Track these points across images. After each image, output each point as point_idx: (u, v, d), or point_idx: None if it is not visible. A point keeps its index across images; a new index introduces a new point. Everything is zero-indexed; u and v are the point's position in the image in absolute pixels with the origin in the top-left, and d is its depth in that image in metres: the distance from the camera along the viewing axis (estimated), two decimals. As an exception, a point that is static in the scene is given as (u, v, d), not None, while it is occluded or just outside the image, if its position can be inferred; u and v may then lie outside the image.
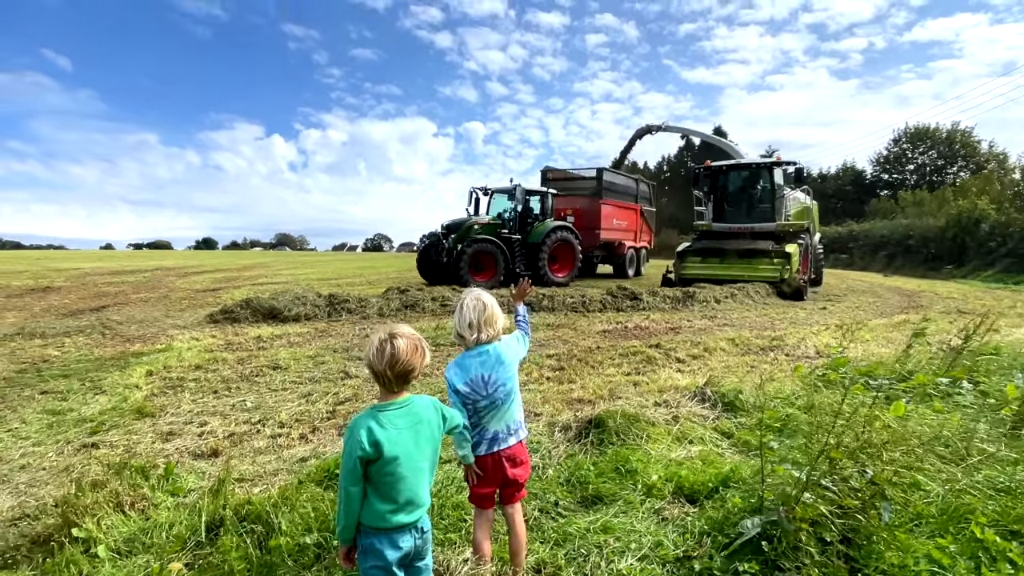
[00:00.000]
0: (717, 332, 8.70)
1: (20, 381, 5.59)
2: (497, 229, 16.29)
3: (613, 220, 20.54)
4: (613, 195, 20.55)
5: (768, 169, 15.76)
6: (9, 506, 3.08)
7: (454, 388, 2.14)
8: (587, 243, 19.03)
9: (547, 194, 18.13)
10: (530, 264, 16.62)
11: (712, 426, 4.07)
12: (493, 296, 2.29)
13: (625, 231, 21.59)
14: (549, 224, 17.12)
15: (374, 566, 1.75)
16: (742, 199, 16.29)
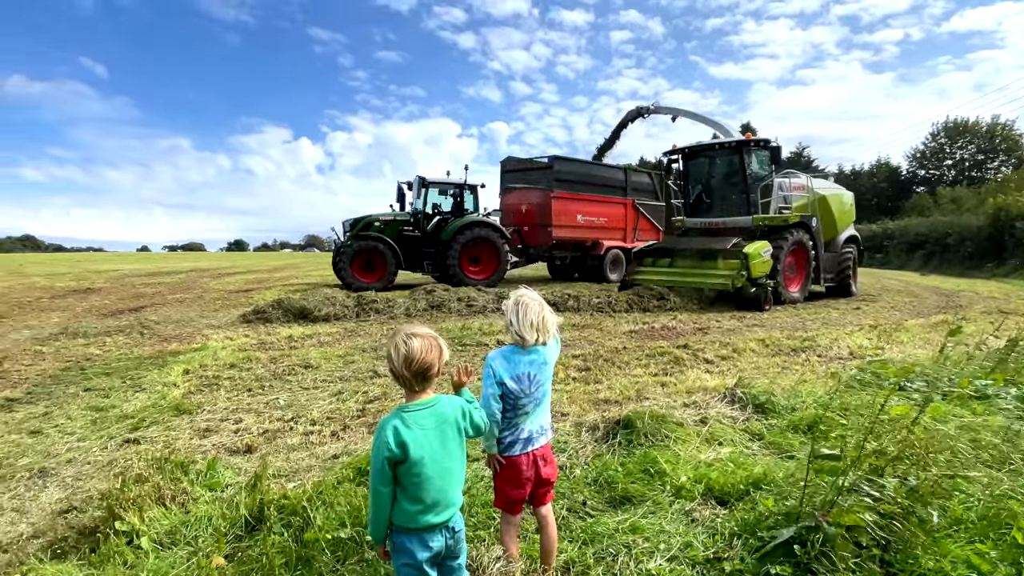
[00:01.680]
0: (746, 332, 8.57)
1: (65, 379, 5.82)
2: (402, 227, 15.32)
3: (578, 216, 17.64)
4: (578, 187, 17.58)
5: (734, 150, 12.78)
6: (57, 498, 3.22)
7: (500, 380, 2.14)
8: (540, 242, 17.40)
9: (466, 187, 16.22)
10: (439, 264, 15.50)
11: (742, 428, 4.02)
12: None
13: (602, 229, 18.33)
14: (463, 220, 15.58)
15: (405, 564, 1.78)
16: (716, 189, 13.63)
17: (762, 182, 12.47)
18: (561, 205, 17.18)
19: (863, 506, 2.03)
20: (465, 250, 15.45)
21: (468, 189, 16.32)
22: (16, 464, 3.68)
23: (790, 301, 12.26)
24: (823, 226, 13.37)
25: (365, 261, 14.69)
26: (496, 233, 15.97)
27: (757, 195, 12.44)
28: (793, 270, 12.63)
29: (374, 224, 14.97)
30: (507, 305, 2.24)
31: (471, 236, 15.44)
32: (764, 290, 11.42)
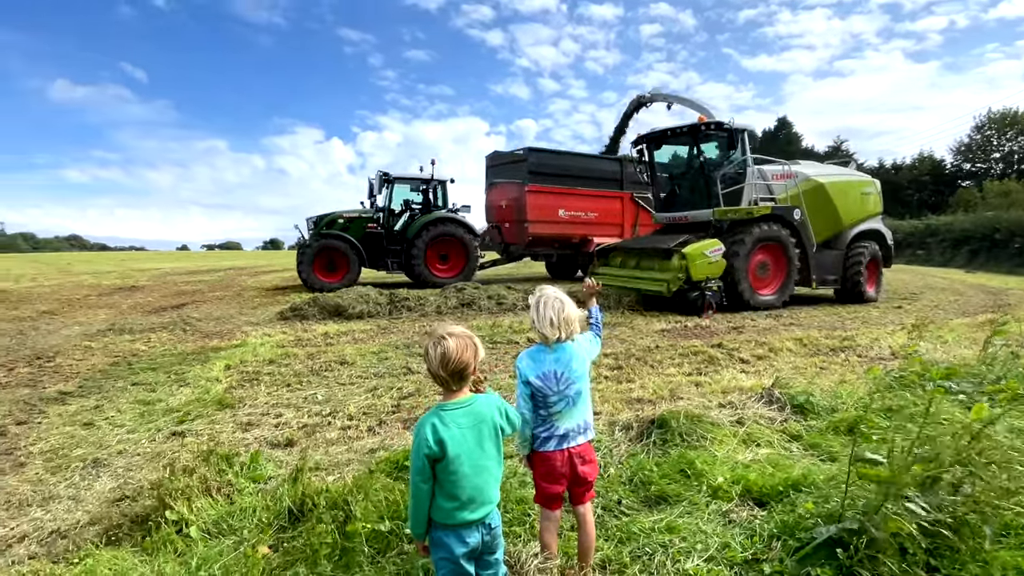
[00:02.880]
0: (783, 332, 8.40)
1: (114, 373, 6.06)
2: (366, 224, 14.81)
3: (559, 211, 16.37)
4: (559, 180, 16.30)
5: (687, 135, 11.47)
6: (110, 488, 3.36)
7: (525, 379, 2.18)
8: (518, 239, 16.42)
9: (434, 183, 15.60)
10: (405, 262, 14.91)
11: (780, 429, 3.95)
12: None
13: (592, 224, 16.90)
14: (429, 217, 15.01)
15: (443, 558, 1.82)
16: (679, 180, 12.45)
17: (721, 170, 11.10)
18: (537, 199, 16.03)
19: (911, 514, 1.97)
20: (432, 247, 14.94)
21: (436, 184, 15.69)
22: (71, 455, 3.86)
23: (761, 306, 10.73)
24: (820, 219, 11.63)
25: (327, 260, 14.23)
26: (463, 229, 15.26)
27: (717, 185, 11.02)
28: (767, 270, 11.05)
29: (337, 221, 14.59)
30: (530, 303, 2.28)
31: (437, 233, 14.86)
32: (702, 295, 10.12)
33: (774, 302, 11.02)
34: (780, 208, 11.11)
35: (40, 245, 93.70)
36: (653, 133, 12.01)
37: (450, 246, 15.26)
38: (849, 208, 12.12)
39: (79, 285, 17.11)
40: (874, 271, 12.47)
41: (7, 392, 5.38)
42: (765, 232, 10.73)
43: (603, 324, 2.59)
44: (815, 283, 11.58)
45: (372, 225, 14.87)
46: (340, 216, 14.67)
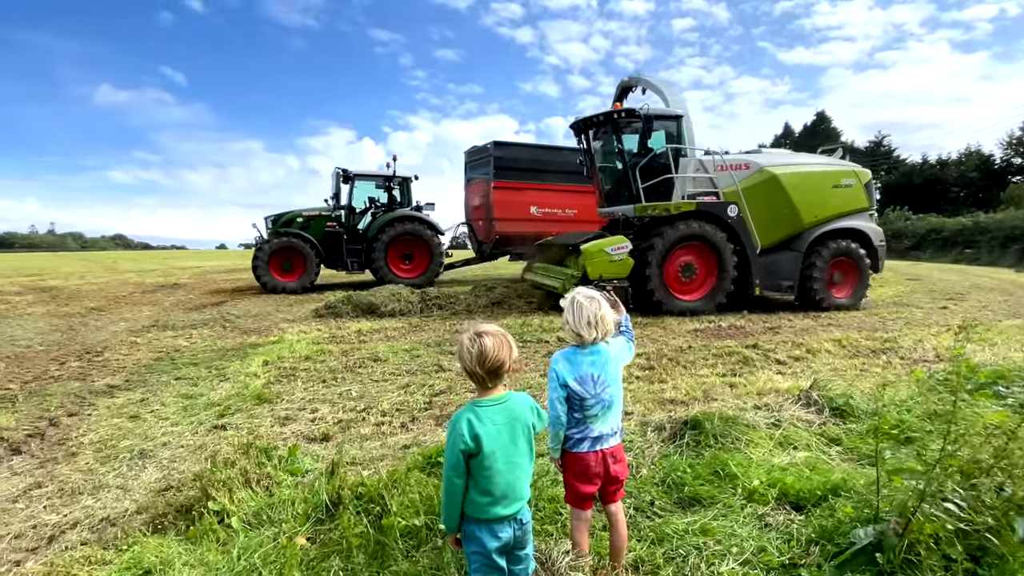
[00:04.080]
0: (821, 332, 8.19)
1: (158, 368, 6.28)
2: (326, 223, 14.41)
3: (530, 208, 15.57)
4: (530, 175, 15.41)
5: (604, 123, 10.56)
6: (156, 478, 3.50)
7: (563, 382, 2.17)
8: (487, 237, 15.90)
9: (395, 180, 15.11)
10: (365, 261, 14.49)
11: (818, 432, 3.86)
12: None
13: (571, 222, 15.87)
14: (390, 215, 14.58)
15: (476, 552, 1.85)
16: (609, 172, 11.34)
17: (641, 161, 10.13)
18: (503, 196, 15.29)
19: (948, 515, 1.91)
20: (394, 246, 14.48)
21: (399, 182, 15.24)
22: (119, 446, 4.02)
23: (682, 311, 9.74)
24: (774, 215, 10.30)
25: (284, 260, 13.81)
26: (426, 228, 14.70)
27: (637, 178, 10.07)
28: (692, 272, 10.05)
29: (296, 220, 14.21)
30: (563, 304, 2.26)
31: (399, 232, 14.36)
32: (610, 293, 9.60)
33: (699, 308, 9.92)
34: (709, 204, 10.02)
35: (87, 244, 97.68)
36: (577, 121, 11.06)
37: (413, 245, 14.77)
38: (812, 203, 10.50)
39: (124, 283, 17.76)
40: (851, 275, 10.85)
41: (59, 385, 5.62)
42: (687, 231, 9.73)
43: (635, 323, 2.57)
44: (759, 288, 10.24)
45: (332, 224, 14.44)
46: (299, 215, 14.31)
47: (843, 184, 10.83)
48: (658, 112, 10.14)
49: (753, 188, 10.26)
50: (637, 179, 10.03)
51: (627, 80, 11.81)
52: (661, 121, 10.25)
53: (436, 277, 15.10)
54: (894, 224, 36.40)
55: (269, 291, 13.24)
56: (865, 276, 10.86)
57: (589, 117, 10.62)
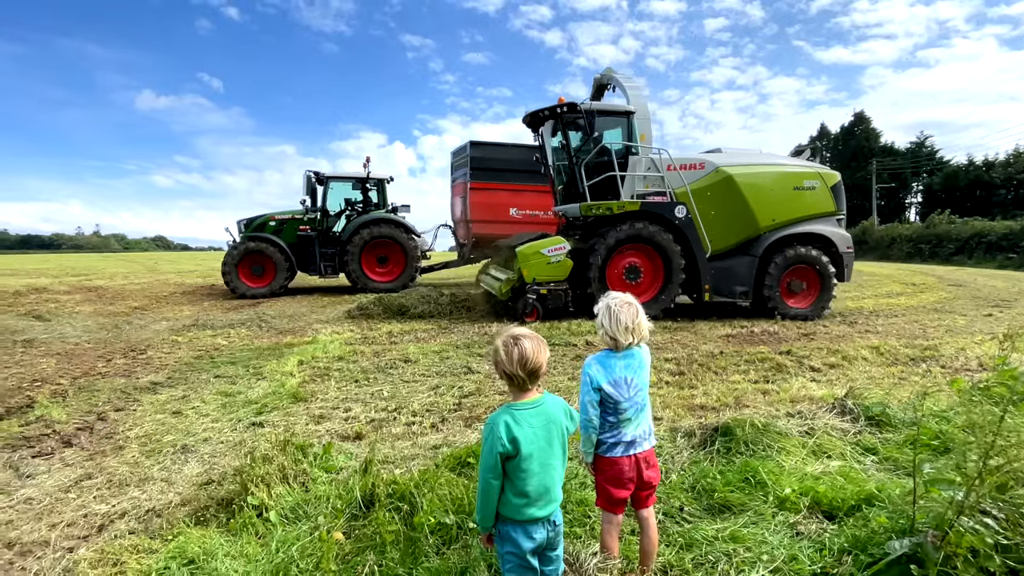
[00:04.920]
0: (858, 339, 8.00)
1: (198, 366, 6.50)
2: (299, 226, 14.11)
3: (509, 209, 15.11)
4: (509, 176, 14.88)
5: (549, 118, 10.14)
6: (198, 472, 3.63)
7: (597, 386, 2.18)
8: (465, 239, 15.70)
9: (369, 182, 14.80)
10: (339, 266, 14.18)
11: (853, 441, 3.78)
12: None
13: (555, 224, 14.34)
14: (363, 218, 14.22)
15: (510, 553, 1.88)
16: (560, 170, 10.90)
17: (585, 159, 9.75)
18: (480, 197, 15.00)
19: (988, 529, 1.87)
20: (368, 250, 14.15)
21: (373, 184, 14.93)
22: (163, 440, 4.19)
23: None
24: (729, 217, 9.89)
25: (255, 265, 13.55)
26: (401, 230, 14.25)
27: (582, 176, 9.70)
28: (638, 276, 9.66)
29: (269, 224, 13.97)
30: (599, 309, 2.28)
31: (373, 235, 13.98)
32: (525, 298, 9.06)
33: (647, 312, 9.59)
34: (655, 204, 9.61)
35: (130, 245, 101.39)
36: (527, 115, 10.55)
37: (388, 248, 14.38)
38: (770, 205, 9.98)
39: (165, 283, 18.35)
40: (813, 283, 10.19)
41: (106, 381, 5.87)
42: (630, 231, 9.34)
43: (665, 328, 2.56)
44: (709, 294, 9.77)
45: (305, 227, 14.18)
46: (272, 218, 14.10)
47: (805, 186, 10.24)
48: (602, 107, 9.82)
49: (707, 189, 9.86)
50: (582, 177, 9.71)
51: (600, 77, 11.42)
52: (609, 117, 9.89)
53: (412, 281, 14.76)
54: (937, 228, 35.21)
55: (239, 297, 13.11)
56: (828, 285, 10.13)
57: (537, 111, 10.19)
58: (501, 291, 9.40)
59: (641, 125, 9.84)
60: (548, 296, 9.24)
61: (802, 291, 10.22)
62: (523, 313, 9.08)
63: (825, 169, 10.66)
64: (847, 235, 10.58)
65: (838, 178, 10.52)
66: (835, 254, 10.24)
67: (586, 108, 9.44)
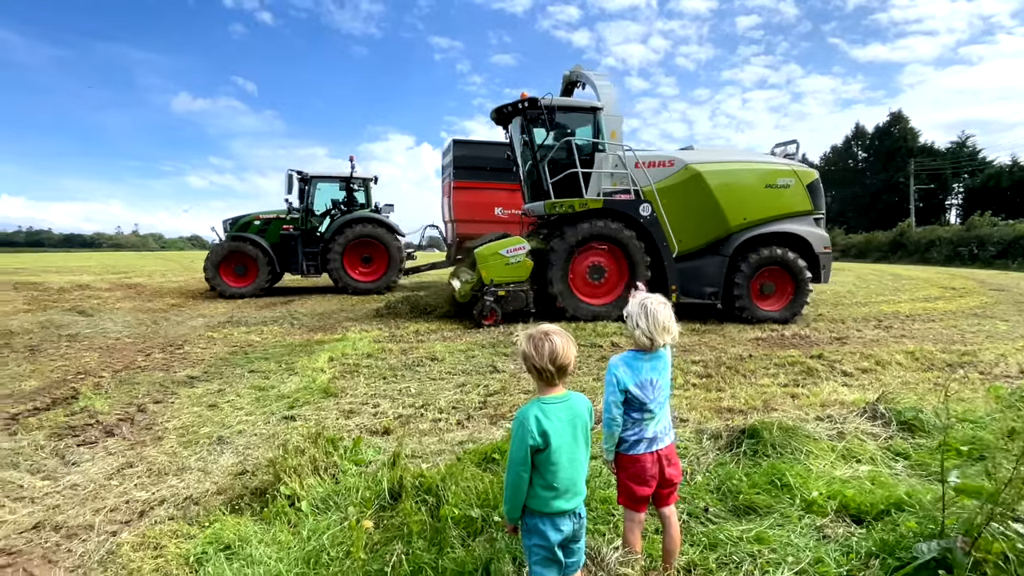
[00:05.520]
0: (893, 344, 7.81)
1: (233, 361, 6.70)
2: (282, 225, 14.06)
3: (495, 209, 14.85)
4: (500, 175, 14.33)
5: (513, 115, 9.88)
6: (233, 463, 3.76)
7: (624, 387, 2.20)
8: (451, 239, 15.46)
9: (353, 181, 14.68)
10: (322, 265, 14.04)
11: (884, 446, 3.72)
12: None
13: None
14: (347, 217, 14.14)
15: (538, 545, 1.92)
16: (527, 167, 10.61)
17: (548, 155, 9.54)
18: (463, 196, 14.78)
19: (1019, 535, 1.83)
20: (352, 250, 14.04)
21: (356, 183, 14.85)
22: (199, 432, 4.34)
23: (588, 316, 9.16)
24: (698, 216, 9.62)
25: (238, 265, 13.52)
26: (384, 230, 14.11)
27: (546, 174, 9.51)
28: (602, 275, 9.47)
29: (254, 223, 13.97)
30: (631, 310, 2.27)
31: (355, 234, 13.86)
32: (483, 301, 8.80)
33: (607, 313, 9.23)
34: (618, 203, 9.34)
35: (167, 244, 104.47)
36: (493, 111, 10.31)
37: (372, 248, 14.24)
38: (740, 204, 9.63)
39: (200, 281, 18.84)
40: (786, 285, 9.78)
41: (146, 375, 6.09)
42: (592, 230, 9.08)
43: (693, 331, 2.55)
44: (676, 294, 9.42)
45: (288, 227, 14.15)
46: (257, 217, 14.11)
47: (779, 184, 9.81)
48: (565, 103, 9.55)
49: (676, 187, 9.56)
50: (546, 174, 9.50)
51: (569, 74, 11.10)
52: (574, 114, 9.69)
53: (396, 281, 14.70)
54: (979, 230, 34.02)
55: (221, 296, 13.18)
56: (803, 287, 9.73)
57: (501, 107, 9.90)
58: (460, 293, 9.24)
59: (610, 122, 9.61)
60: (508, 298, 8.98)
61: (775, 293, 9.87)
62: (480, 316, 8.85)
63: (801, 167, 10.27)
64: (824, 235, 10.21)
65: (815, 176, 10.19)
66: (812, 255, 9.88)
67: (547, 104, 9.13)
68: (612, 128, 9.61)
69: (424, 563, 2.24)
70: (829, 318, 10.29)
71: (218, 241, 14.03)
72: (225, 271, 13.50)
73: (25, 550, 2.73)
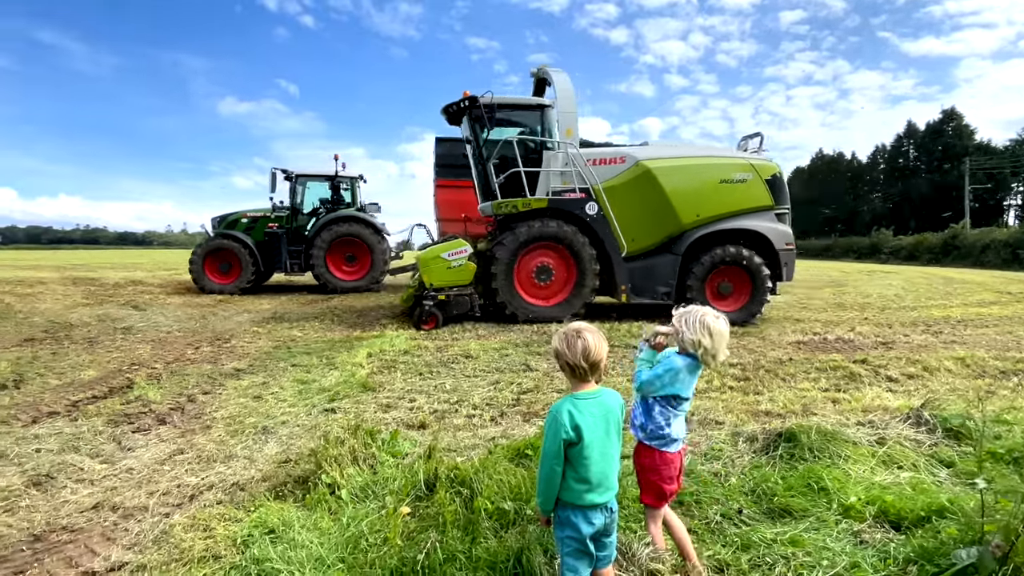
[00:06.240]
0: (942, 350, 7.52)
1: (276, 355, 6.94)
2: (268, 223, 14.27)
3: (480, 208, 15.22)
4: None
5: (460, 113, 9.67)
6: (276, 451, 3.91)
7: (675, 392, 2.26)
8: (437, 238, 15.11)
9: (337, 180, 14.82)
10: (305, 263, 14.22)
11: (928, 453, 3.61)
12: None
13: None
14: (331, 215, 14.31)
15: (570, 536, 1.97)
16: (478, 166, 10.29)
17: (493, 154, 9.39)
18: (447, 195, 14.66)
19: None
20: (336, 248, 14.21)
21: (341, 182, 14.98)
22: (245, 422, 4.52)
23: (537, 319, 9.03)
24: (650, 213, 9.31)
25: (223, 262, 13.81)
26: (368, 229, 14.22)
27: (492, 173, 9.36)
28: (549, 276, 9.25)
29: (241, 221, 14.25)
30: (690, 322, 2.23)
31: (339, 232, 14.01)
32: (422, 305, 8.64)
33: (556, 315, 9.07)
34: (562, 201, 9.11)
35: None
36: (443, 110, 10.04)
37: (355, 247, 14.38)
38: (693, 200, 9.33)
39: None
40: (744, 284, 9.48)
41: (195, 367, 6.36)
42: (535, 230, 8.90)
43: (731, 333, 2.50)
44: (625, 295, 9.28)
45: (273, 225, 14.35)
46: (244, 215, 14.36)
47: (735, 179, 9.43)
48: (507, 101, 9.30)
49: (628, 184, 9.26)
50: (492, 174, 9.36)
51: (537, 71, 10.72)
52: (520, 111, 9.51)
53: (379, 280, 14.77)
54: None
55: (205, 293, 13.38)
56: (760, 286, 9.35)
57: (447, 105, 9.69)
58: (402, 298, 9.08)
59: (565, 119, 9.29)
60: (450, 302, 8.87)
61: (732, 293, 9.53)
62: (420, 321, 8.70)
63: (761, 160, 9.81)
64: (786, 231, 9.77)
65: (776, 169, 9.75)
66: (772, 252, 9.49)
67: (486, 102, 8.97)
68: (567, 125, 9.29)
69: (458, 551, 2.31)
70: (875, 322, 9.97)
71: (209, 237, 14.33)
72: (211, 267, 13.80)
73: (86, 528, 2.91)
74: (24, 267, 23.45)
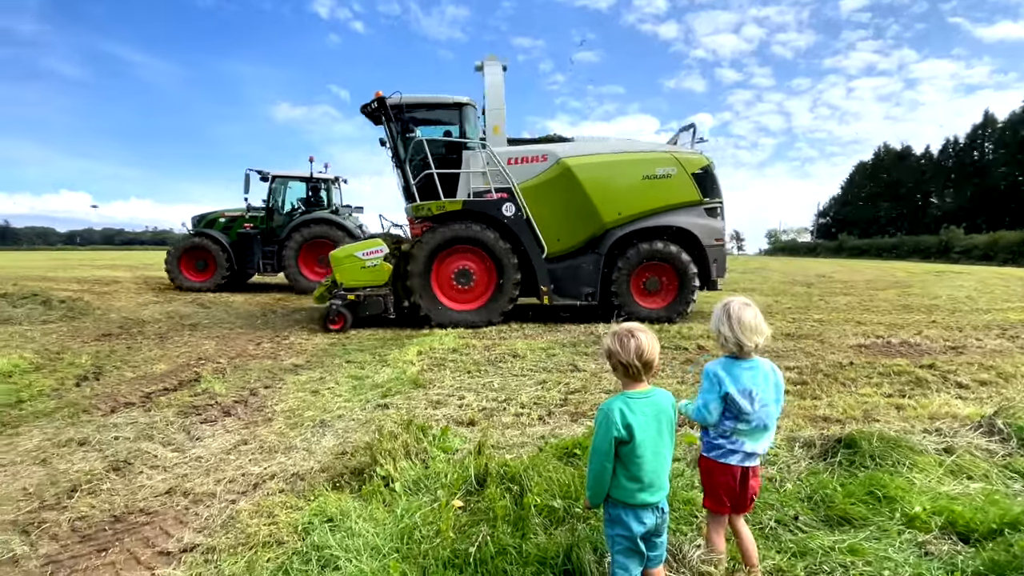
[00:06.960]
0: (1018, 355, 7.07)
1: (332, 352, 7.18)
2: (243, 223, 14.41)
3: None
4: None
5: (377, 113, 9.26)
6: (333, 444, 4.06)
7: (725, 392, 2.12)
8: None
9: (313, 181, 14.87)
10: (278, 264, 14.29)
11: (1002, 463, 3.42)
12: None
13: None
14: (304, 217, 14.29)
15: (621, 535, 1.98)
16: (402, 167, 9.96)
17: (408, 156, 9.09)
18: None
19: None
20: (308, 249, 14.20)
21: (318, 183, 15.11)
22: (304, 415, 4.71)
23: (455, 323, 8.84)
24: (572, 212, 9.08)
25: (199, 260, 14.09)
26: (340, 231, 14.13)
27: (408, 174, 9.10)
28: (469, 279, 9.10)
29: (219, 221, 14.46)
30: (715, 316, 2.21)
31: (310, 234, 14.04)
32: (330, 306, 8.54)
33: (474, 319, 8.92)
34: (478, 203, 8.90)
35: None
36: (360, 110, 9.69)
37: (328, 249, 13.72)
38: (614, 198, 9.08)
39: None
40: (672, 281, 9.32)
41: (256, 362, 6.66)
42: (452, 233, 8.75)
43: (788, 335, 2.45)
44: (548, 296, 9.07)
45: (248, 225, 14.53)
46: (222, 215, 14.59)
47: (658, 174, 9.15)
48: (418, 101, 9.07)
49: (549, 183, 9.00)
50: (408, 176, 9.13)
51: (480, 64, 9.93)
52: (436, 111, 9.30)
53: None
54: None
55: (184, 290, 13.62)
56: (687, 283, 9.17)
57: (364, 105, 9.34)
58: (315, 296, 8.93)
59: (493, 116, 9.08)
60: (362, 302, 8.77)
61: (659, 290, 9.39)
62: (327, 320, 8.63)
63: (687, 153, 9.46)
64: (716, 226, 9.46)
65: (706, 162, 9.37)
66: (699, 248, 9.30)
67: (393, 102, 8.82)
68: (495, 122, 9.10)
69: (508, 546, 2.35)
70: (944, 325, 9.45)
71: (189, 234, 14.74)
72: (187, 265, 14.18)
73: (160, 511, 3.11)
74: (100, 267, 25.09)
